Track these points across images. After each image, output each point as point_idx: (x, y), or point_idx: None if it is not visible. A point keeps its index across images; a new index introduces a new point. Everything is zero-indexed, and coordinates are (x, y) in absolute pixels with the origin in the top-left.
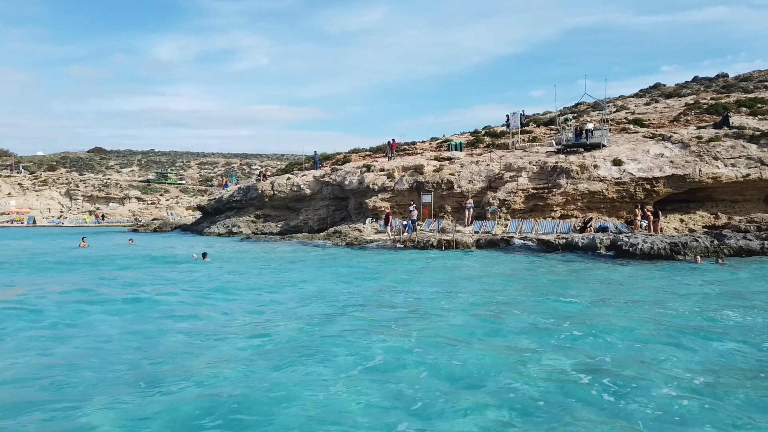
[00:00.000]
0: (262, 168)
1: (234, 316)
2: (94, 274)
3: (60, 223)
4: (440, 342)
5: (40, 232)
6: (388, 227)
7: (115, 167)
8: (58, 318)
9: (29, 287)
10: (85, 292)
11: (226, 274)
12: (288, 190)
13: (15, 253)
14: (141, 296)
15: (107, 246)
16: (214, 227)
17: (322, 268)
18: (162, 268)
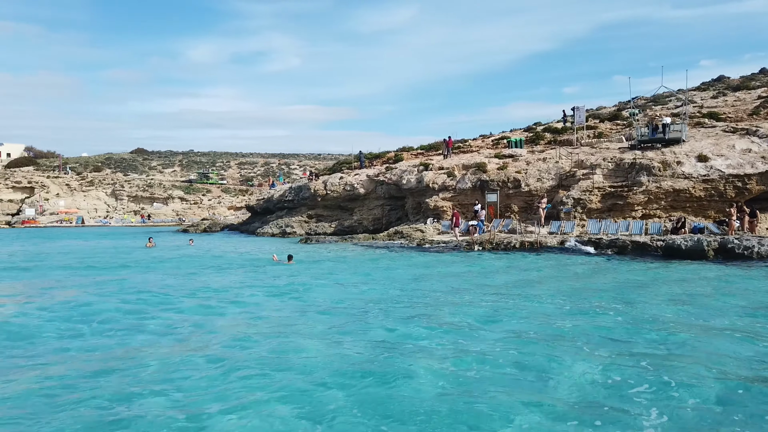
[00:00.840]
0: (301, 167)
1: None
2: (229, 274)
3: (107, 222)
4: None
5: (94, 231)
6: (457, 228)
7: (158, 168)
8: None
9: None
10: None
11: (352, 278)
12: (341, 190)
13: (101, 253)
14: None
15: (171, 246)
16: (267, 227)
17: (439, 273)
18: (257, 270)
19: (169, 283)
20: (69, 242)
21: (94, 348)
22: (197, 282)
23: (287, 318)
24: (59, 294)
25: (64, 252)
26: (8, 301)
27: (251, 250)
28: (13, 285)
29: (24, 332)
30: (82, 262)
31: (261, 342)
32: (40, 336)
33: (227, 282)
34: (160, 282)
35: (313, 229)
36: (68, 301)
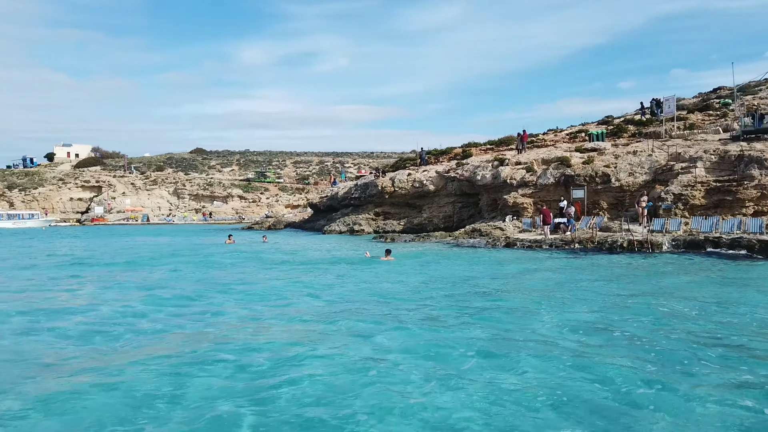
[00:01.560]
0: (355, 166)
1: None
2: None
3: (170, 220)
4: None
5: (162, 229)
6: (547, 226)
7: (216, 167)
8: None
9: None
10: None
11: (484, 275)
12: (409, 187)
13: (195, 250)
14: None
15: (248, 243)
16: (335, 225)
17: (573, 276)
18: (365, 267)
19: (313, 283)
20: (149, 239)
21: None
22: (352, 281)
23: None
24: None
25: (161, 248)
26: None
27: (331, 248)
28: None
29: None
30: (195, 260)
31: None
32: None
33: (370, 277)
34: (304, 282)
35: (381, 226)
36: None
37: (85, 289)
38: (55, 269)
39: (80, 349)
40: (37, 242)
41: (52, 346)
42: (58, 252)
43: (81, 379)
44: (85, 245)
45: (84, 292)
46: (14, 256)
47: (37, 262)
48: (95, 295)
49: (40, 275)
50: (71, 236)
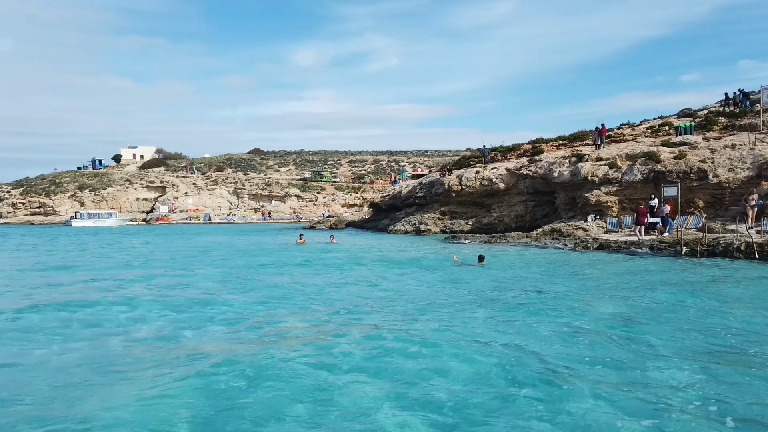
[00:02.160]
0: (410, 164)
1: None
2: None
3: (231, 220)
4: None
5: (226, 228)
6: (641, 227)
7: (274, 167)
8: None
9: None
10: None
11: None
12: (477, 185)
13: (275, 250)
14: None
15: (317, 243)
16: (400, 225)
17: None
18: (455, 273)
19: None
20: (222, 238)
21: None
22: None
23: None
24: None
25: (246, 248)
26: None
27: (405, 248)
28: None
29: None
30: (282, 260)
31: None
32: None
33: (484, 285)
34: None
35: (448, 226)
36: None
37: (232, 294)
38: (177, 266)
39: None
40: (128, 241)
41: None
42: (157, 252)
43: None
44: (174, 245)
45: (234, 297)
46: (111, 256)
47: (146, 261)
48: (234, 299)
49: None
50: (150, 235)
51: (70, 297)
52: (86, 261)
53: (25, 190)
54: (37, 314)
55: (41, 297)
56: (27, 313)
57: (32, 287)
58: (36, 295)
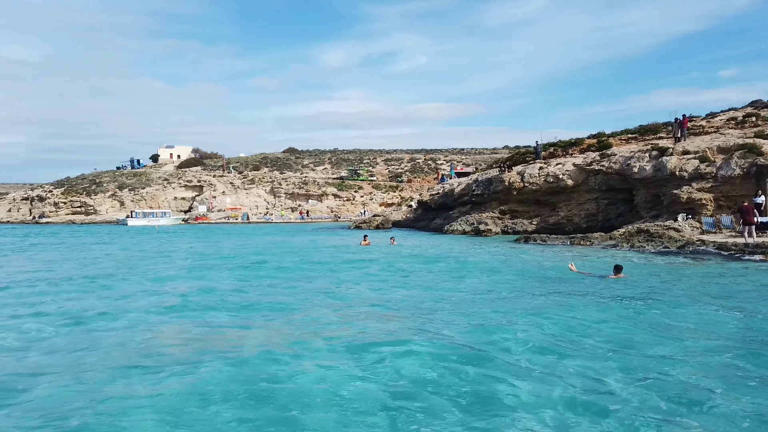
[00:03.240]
0: (447, 163)
1: None
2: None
3: (269, 219)
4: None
5: (268, 228)
6: (750, 227)
7: (310, 165)
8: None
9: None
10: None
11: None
12: (541, 182)
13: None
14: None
15: (381, 245)
16: (456, 225)
17: None
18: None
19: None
20: (273, 238)
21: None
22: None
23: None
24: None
25: (308, 251)
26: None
27: (482, 251)
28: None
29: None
30: (378, 267)
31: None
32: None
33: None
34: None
35: (510, 226)
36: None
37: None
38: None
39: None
40: (197, 241)
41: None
42: (221, 253)
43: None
44: (244, 246)
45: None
46: (168, 255)
47: (225, 262)
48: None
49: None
50: (205, 235)
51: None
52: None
53: (67, 190)
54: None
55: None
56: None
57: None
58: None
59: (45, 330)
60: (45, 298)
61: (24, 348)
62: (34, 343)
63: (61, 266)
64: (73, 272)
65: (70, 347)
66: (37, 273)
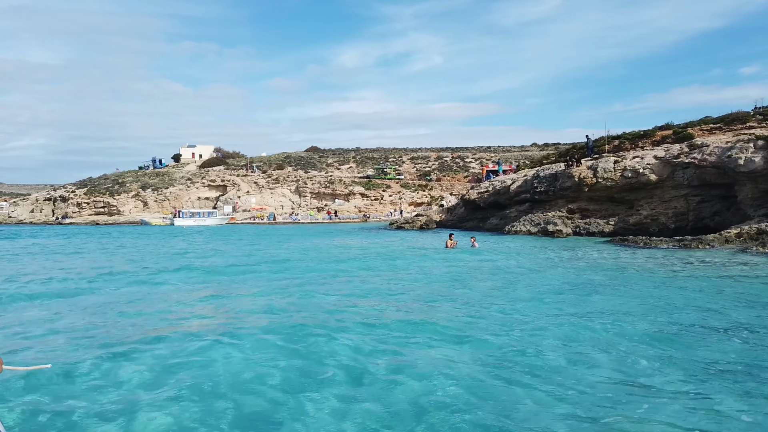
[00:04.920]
0: (476, 161)
1: None
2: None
3: (297, 219)
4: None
5: (299, 229)
6: None
7: (334, 164)
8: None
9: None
10: None
11: None
12: (617, 177)
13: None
14: None
15: (463, 248)
16: (520, 225)
17: None
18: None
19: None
20: (316, 241)
21: None
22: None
23: None
24: None
25: (385, 258)
26: None
27: (585, 257)
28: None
29: None
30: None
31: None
32: None
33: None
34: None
35: (582, 226)
36: None
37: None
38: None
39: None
40: (255, 243)
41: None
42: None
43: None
44: (300, 250)
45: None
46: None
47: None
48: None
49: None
50: (252, 237)
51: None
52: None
53: (89, 190)
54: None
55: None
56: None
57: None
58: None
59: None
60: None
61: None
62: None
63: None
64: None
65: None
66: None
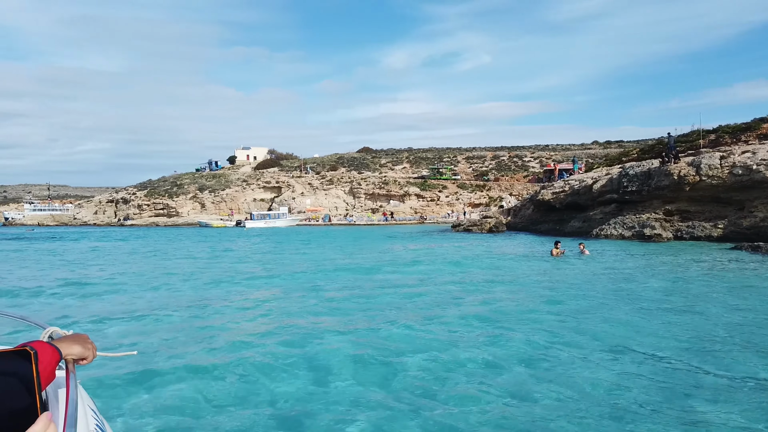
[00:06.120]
0: (535, 159)
1: None
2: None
3: (352, 221)
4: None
5: (363, 231)
6: None
7: (388, 165)
8: None
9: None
10: None
11: None
12: (725, 175)
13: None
14: None
15: (572, 255)
16: (610, 228)
17: None
18: None
19: None
20: (395, 246)
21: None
22: None
23: None
24: None
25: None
26: None
27: (723, 265)
28: None
29: None
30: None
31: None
32: None
33: None
34: None
35: (684, 230)
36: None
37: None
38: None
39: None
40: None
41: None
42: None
43: None
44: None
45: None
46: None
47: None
48: None
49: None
50: (321, 240)
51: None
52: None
53: (149, 192)
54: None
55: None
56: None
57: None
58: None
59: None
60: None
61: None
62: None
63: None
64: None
65: None
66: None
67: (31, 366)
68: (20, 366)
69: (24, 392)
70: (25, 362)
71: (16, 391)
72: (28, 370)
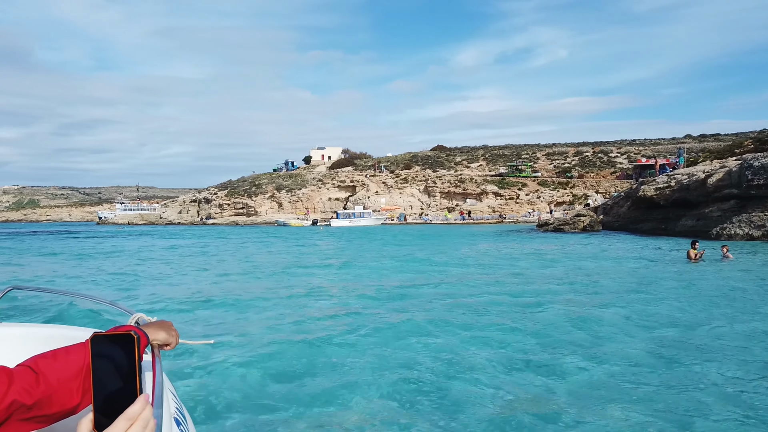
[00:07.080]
0: (622, 155)
1: None
2: None
3: (429, 220)
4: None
5: (445, 230)
6: None
7: (463, 163)
8: None
9: None
10: None
11: None
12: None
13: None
14: None
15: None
16: (734, 227)
17: None
18: None
19: None
20: (522, 247)
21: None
22: None
23: None
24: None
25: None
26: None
27: None
28: None
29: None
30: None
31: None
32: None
33: None
34: None
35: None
36: None
37: None
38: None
39: None
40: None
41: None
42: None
43: None
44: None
45: None
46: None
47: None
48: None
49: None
50: (418, 240)
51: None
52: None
53: (229, 192)
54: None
55: None
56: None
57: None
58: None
59: None
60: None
61: None
62: None
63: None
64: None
65: None
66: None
67: (134, 349)
68: (124, 349)
69: (126, 374)
70: (128, 345)
71: (120, 373)
72: (131, 353)
